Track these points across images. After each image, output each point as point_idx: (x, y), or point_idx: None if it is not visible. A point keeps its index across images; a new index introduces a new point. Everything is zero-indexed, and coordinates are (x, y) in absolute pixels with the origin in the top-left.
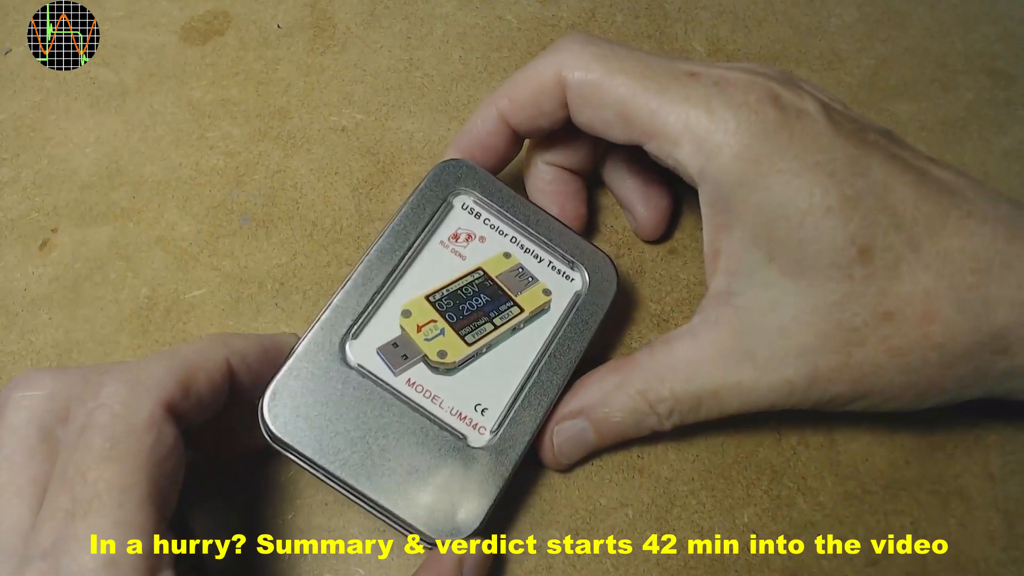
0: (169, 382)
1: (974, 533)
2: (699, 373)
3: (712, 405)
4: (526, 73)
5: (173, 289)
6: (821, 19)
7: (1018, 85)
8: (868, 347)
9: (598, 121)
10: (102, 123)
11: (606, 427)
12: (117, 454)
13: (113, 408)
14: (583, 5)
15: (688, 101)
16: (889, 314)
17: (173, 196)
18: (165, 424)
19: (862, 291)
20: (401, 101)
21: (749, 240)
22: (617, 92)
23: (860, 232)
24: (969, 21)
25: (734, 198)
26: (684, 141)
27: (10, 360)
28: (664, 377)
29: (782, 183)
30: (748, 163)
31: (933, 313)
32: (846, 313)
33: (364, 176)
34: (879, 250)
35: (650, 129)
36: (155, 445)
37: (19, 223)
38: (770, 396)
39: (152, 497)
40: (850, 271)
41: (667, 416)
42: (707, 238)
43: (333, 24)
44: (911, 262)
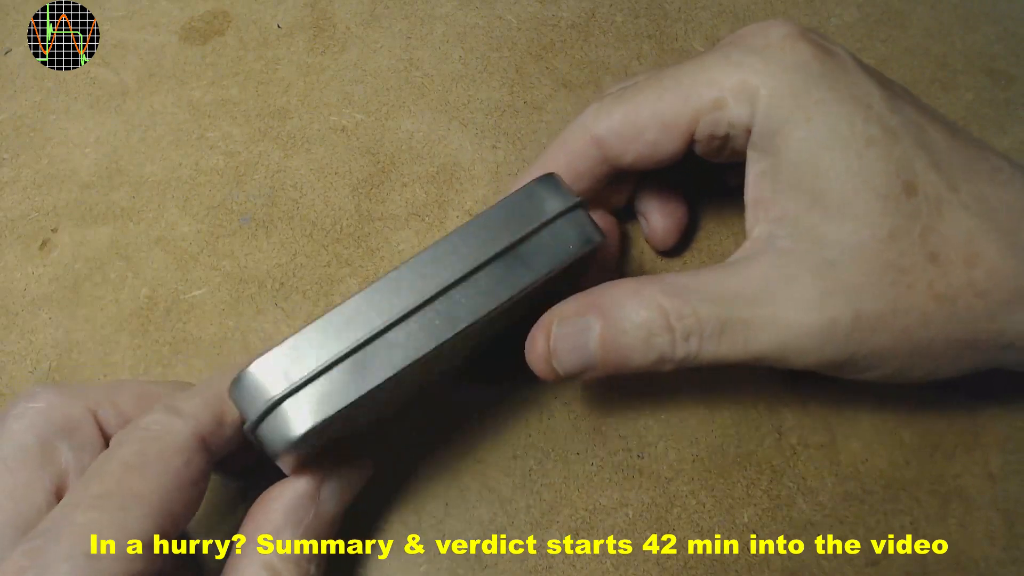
0: (204, 415)
1: (974, 533)
2: (730, 298)
3: (738, 337)
4: (559, 143)
5: (173, 289)
6: (821, 19)
7: (1018, 85)
8: (915, 293)
9: (646, 147)
10: (102, 123)
11: (614, 335)
12: (141, 464)
13: (151, 430)
14: (583, 5)
15: (709, 68)
16: (935, 255)
17: (173, 196)
18: (195, 453)
19: (908, 228)
20: (401, 101)
21: (793, 183)
22: (646, 110)
23: (903, 165)
24: (969, 21)
25: (778, 138)
26: (726, 100)
27: (10, 360)
28: (690, 295)
29: (822, 113)
30: (787, 98)
31: (976, 256)
32: (893, 252)
33: (364, 176)
34: (922, 185)
35: (692, 114)
36: (181, 469)
37: (19, 223)
38: (806, 337)
39: (160, 514)
40: (896, 204)
41: (683, 337)
42: (750, 188)
43: (333, 24)
44: (951, 202)
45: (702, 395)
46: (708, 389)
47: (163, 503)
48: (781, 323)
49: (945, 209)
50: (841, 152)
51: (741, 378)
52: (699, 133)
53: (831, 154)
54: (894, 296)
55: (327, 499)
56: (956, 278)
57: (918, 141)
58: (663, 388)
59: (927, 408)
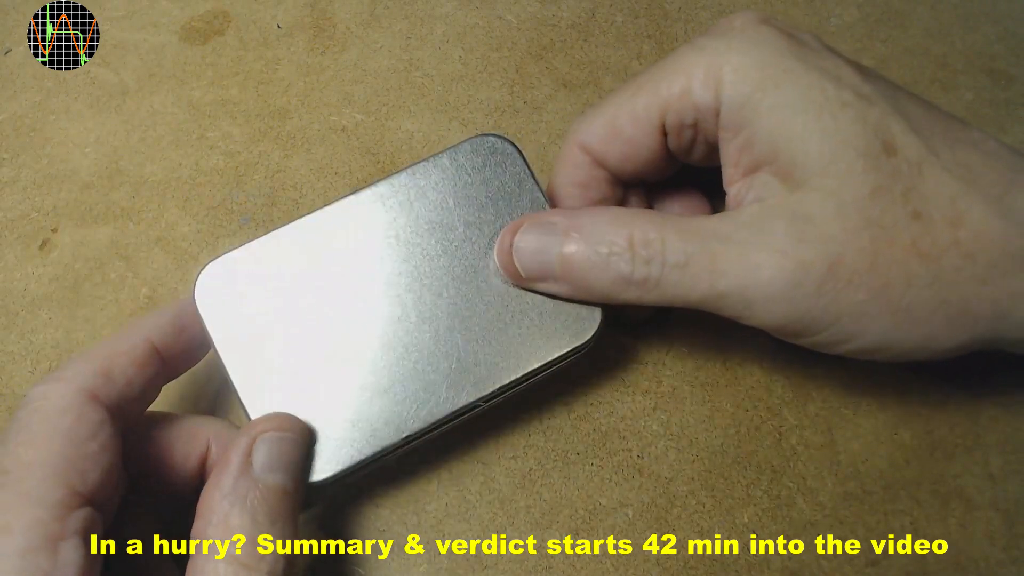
0: (87, 371)
1: (974, 533)
2: (698, 233)
3: (702, 271)
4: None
5: (173, 289)
6: (821, 19)
7: (1018, 85)
8: (897, 248)
9: (625, 145)
10: (102, 123)
11: (578, 240)
12: (30, 437)
13: (33, 403)
14: (583, 5)
15: (677, 58)
16: (917, 213)
17: (173, 196)
18: (86, 407)
19: (890, 185)
20: (401, 101)
21: (769, 150)
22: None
23: (880, 127)
24: (969, 21)
25: (746, 109)
26: (691, 87)
27: (10, 360)
28: (659, 225)
29: (792, 81)
30: (752, 70)
31: (961, 217)
32: (874, 209)
33: (364, 176)
34: (901, 147)
35: (662, 106)
36: (73, 426)
37: (19, 223)
38: (775, 282)
39: (63, 473)
40: (876, 162)
41: (644, 262)
42: (727, 168)
43: (333, 24)
44: (932, 164)
45: (702, 395)
46: (708, 389)
47: (64, 463)
48: (750, 262)
49: (927, 170)
50: (815, 115)
51: (741, 378)
52: (668, 124)
53: (804, 117)
54: (873, 251)
55: (263, 470)
56: (940, 237)
57: (894, 107)
58: (663, 388)
59: (927, 408)
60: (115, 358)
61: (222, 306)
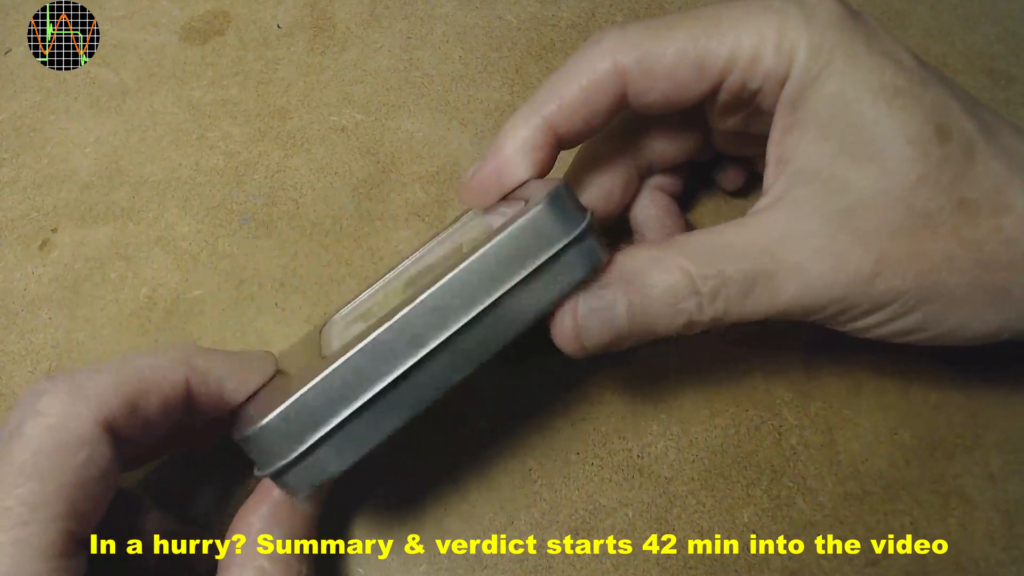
0: (114, 399)
1: (974, 533)
2: (752, 252)
3: (765, 291)
4: (572, 71)
5: (173, 289)
6: None
7: (1018, 85)
8: (940, 237)
9: (674, 88)
10: (102, 123)
11: (640, 300)
12: (38, 471)
13: (48, 420)
14: (583, 5)
15: (752, 14)
16: (964, 201)
17: (173, 196)
18: (100, 443)
19: (938, 173)
20: (401, 101)
21: (820, 136)
22: (676, 48)
23: (936, 109)
24: (969, 21)
25: (810, 91)
26: (763, 53)
27: (10, 360)
28: (712, 253)
29: (854, 66)
30: (824, 52)
31: (1006, 204)
32: (920, 198)
33: (364, 176)
34: (956, 131)
35: (727, 60)
36: (83, 465)
37: (19, 223)
38: (831, 283)
39: (65, 519)
40: (927, 149)
41: (711, 299)
42: (773, 145)
43: (333, 24)
44: (983, 150)
45: (702, 395)
46: (708, 389)
47: (67, 507)
48: (806, 271)
49: (977, 156)
50: (871, 102)
51: (741, 378)
52: (730, 81)
53: (860, 105)
54: (917, 239)
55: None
56: (984, 223)
57: (951, 92)
58: (663, 388)
59: (927, 408)
60: (145, 390)
61: None
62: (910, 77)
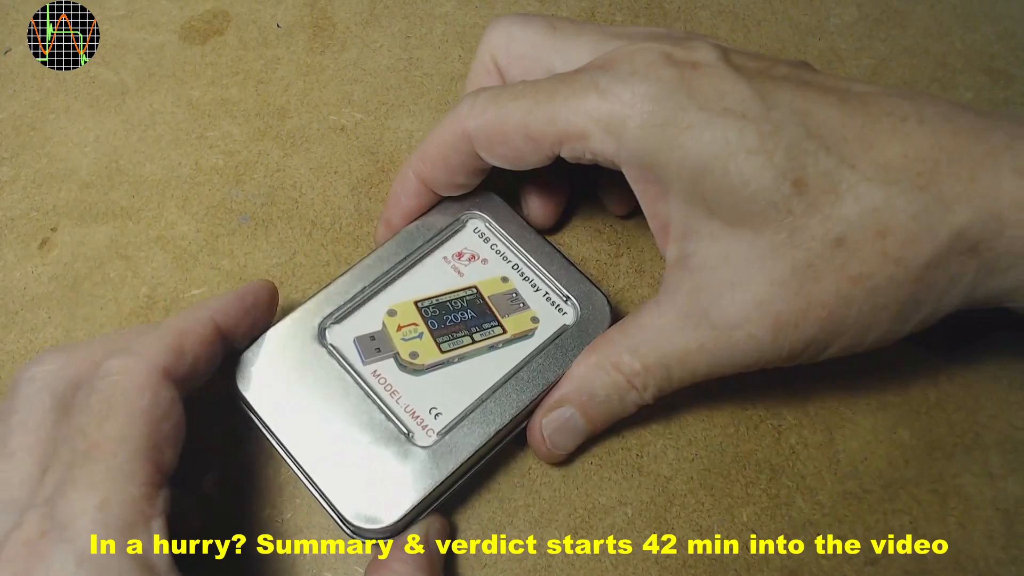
0: (161, 348)
1: (974, 533)
2: (663, 340)
3: (682, 371)
4: (435, 133)
5: (173, 288)
6: (821, 19)
7: (1017, 84)
8: (826, 280)
9: (512, 152)
10: (102, 123)
11: (592, 409)
12: (114, 412)
13: (111, 376)
14: (582, 5)
15: (578, 94)
16: (840, 240)
17: (173, 195)
18: (161, 387)
19: (805, 224)
20: (401, 100)
21: (685, 201)
22: (515, 120)
23: (788, 164)
24: (969, 21)
25: (656, 165)
26: (590, 132)
27: (10, 359)
28: (635, 348)
29: (694, 138)
30: (656, 128)
31: (886, 227)
32: (797, 250)
33: (363, 175)
34: (813, 178)
35: (557, 136)
36: (151, 405)
37: (19, 222)
38: (737, 355)
39: (147, 451)
40: (789, 206)
41: (644, 389)
42: (649, 214)
43: (333, 24)
44: (851, 181)
45: (702, 395)
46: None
47: (146, 441)
48: (709, 350)
49: (845, 190)
50: (721, 172)
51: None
52: (564, 153)
53: (712, 176)
54: (807, 292)
55: (432, 545)
56: (868, 254)
57: (803, 131)
58: None
59: (927, 408)
60: (185, 335)
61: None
62: (758, 132)
